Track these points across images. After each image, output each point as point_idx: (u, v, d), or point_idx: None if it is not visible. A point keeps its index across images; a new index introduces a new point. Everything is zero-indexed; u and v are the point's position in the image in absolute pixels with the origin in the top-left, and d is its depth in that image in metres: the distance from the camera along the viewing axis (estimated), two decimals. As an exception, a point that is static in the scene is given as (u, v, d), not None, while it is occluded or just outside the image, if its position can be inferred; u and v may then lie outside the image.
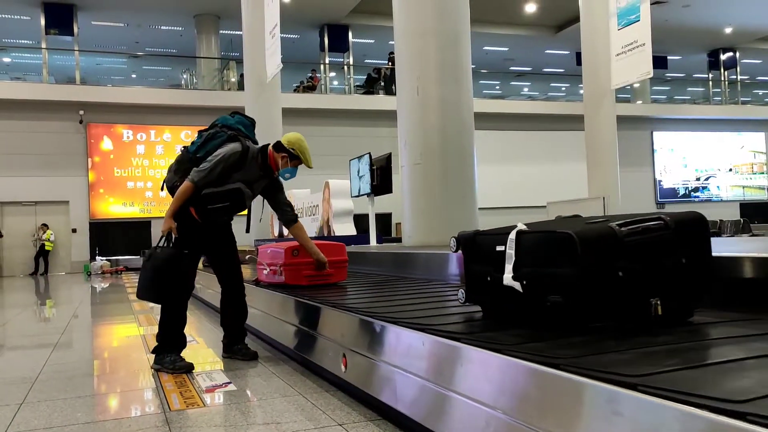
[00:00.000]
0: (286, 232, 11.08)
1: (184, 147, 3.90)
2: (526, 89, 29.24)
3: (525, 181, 22.14)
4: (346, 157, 10.42)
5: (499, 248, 2.25)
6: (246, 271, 5.22)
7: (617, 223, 2.09)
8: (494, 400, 1.74)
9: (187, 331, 5.47)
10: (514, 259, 2.17)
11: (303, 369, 3.55)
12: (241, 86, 17.79)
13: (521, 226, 2.23)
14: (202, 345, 4.75)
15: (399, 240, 8.08)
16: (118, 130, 19.05)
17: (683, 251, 2.15)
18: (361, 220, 8.85)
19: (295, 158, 3.89)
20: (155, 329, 5.54)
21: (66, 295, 11.19)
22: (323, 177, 10.26)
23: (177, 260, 3.66)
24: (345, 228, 8.99)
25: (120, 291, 10.83)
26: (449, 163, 6.10)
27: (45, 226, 17.69)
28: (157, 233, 20.76)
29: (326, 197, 9.24)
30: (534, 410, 1.60)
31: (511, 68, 27.69)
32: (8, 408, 2.96)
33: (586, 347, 1.79)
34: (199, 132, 3.89)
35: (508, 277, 2.16)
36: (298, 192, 10.90)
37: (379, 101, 20.51)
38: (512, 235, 2.21)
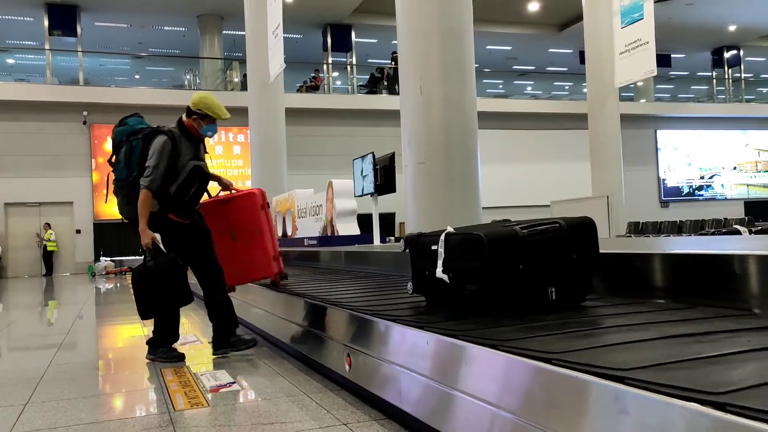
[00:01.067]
0: (290, 231, 11.08)
1: (115, 181, 3.96)
2: (529, 88, 29.20)
3: (529, 181, 22.12)
4: (349, 156, 10.41)
5: (434, 247, 2.66)
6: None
7: (520, 226, 2.52)
8: (497, 398, 1.74)
9: (191, 331, 5.49)
10: (443, 256, 2.58)
11: (307, 368, 3.55)
12: (244, 86, 17.80)
13: (449, 229, 2.62)
14: (206, 345, 4.74)
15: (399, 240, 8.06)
16: (121, 130, 19.04)
17: (574, 249, 2.57)
18: (364, 220, 8.84)
19: (206, 117, 3.98)
20: (159, 329, 5.55)
21: (70, 296, 11.21)
22: (326, 177, 10.26)
23: (174, 269, 3.76)
24: (349, 228, 8.97)
25: (124, 291, 10.84)
26: (453, 163, 6.09)
27: (47, 226, 17.72)
28: (160, 234, 20.73)
29: (329, 197, 9.23)
30: (541, 409, 1.60)
31: (514, 67, 27.67)
32: (13, 408, 2.96)
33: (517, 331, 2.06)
34: (109, 161, 4.01)
35: (438, 271, 2.58)
36: (301, 192, 10.88)
37: (382, 101, 20.51)
38: (442, 237, 2.61)
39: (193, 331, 5.50)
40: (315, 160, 19.44)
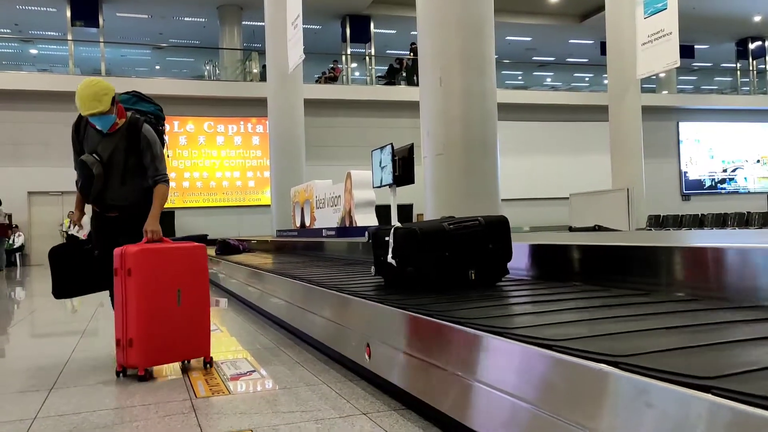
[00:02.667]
0: (308, 222, 11.12)
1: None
2: (548, 79, 28.95)
3: (548, 173, 21.98)
4: (367, 148, 10.42)
5: (387, 238, 3.38)
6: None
7: (448, 222, 3.29)
8: (517, 389, 1.74)
9: (212, 321, 5.54)
10: (392, 245, 3.31)
11: (326, 358, 3.57)
12: (263, 77, 17.86)
13: (397, 224, 3.37)
14: (225, 334, 4.80)
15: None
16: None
17: (491, 241, 3.31)
18: (382, 211, 8.85)
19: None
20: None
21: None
22: (345, 168, 10.27)
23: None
24: (367, 219, 8.99)
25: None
26: (472, 154, 6.07)
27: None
28: (183, 223, 20.82)
29: (348, 188, 9.25)
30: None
31: (534, 58, 27.44)
32: (38, 393, 3.02)
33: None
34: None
35: (389, 257, 3.32)
36: (319, 183, 10.92)
37: (401, 92, 20.46)
38: (392, 230, 3.34)
39: (213, 320, 5.55)
40: (333, 151, 19.47)
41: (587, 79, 28.70)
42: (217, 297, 7.49)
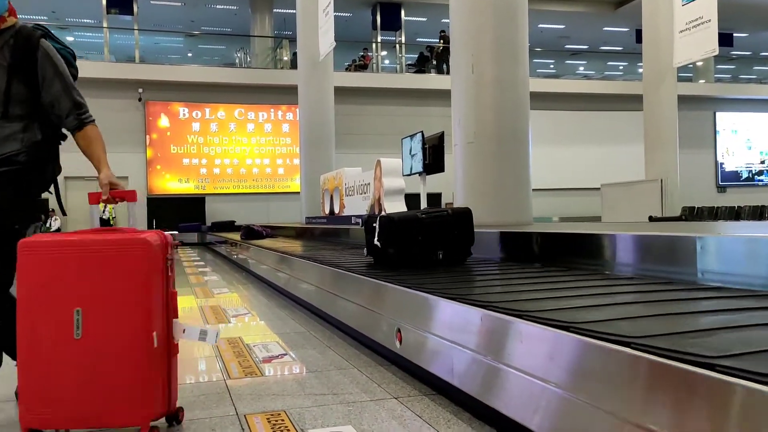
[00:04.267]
0: (338, 209, 11.18)
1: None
2: (581, 68, 28.54)
3: (579, 163, 21.73)
4: (396, 136, 10.41)
5: (374, 225, 4.09)
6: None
7: (421, 212, 4.12)
8: (547, 372, 1.75)
9: (241, 304, 5.62)
10: (378, 230, 4.03)
11: (357, 343, 3.60)
12: (294, 65, 17.92)
13: (384, 213, 3.91)
14: (255, 317, 4.86)
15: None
16: (174, 107, 19.45)
17: (456, 228, 4.07)
18: (412, 200, 8.84)
19: None
20: (212, 301, 5.72)
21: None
22: (375, 156, 10.28)
23: None
24: (396, 206, 8.99)
25: (176, 265, 11.12)
26: (503, 143, 6.03)
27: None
28: (213, 210, 21.05)
29: (378, 176, 9.26)
30: (597, 385, 1.61)
31: (567, 46, 27.07)
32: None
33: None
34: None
35: (375, 240, 4.04)
36: (349, 170, 10.93)
37: (431, 80, 20.36)
38: (378, 218, 4.07)
39: (243, 303, 5.64)
40: (363, 139, 19.49)
41: (621, 67, 28.23)
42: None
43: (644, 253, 3.21)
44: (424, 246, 3.95)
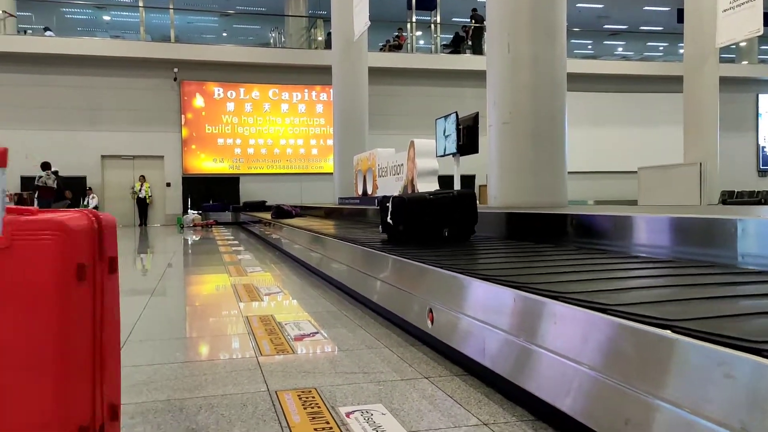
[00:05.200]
0: (370, 190, 11.17)
1: None
2: (620, 49, 27.94)
3: (616, 146, 21.36)
4: (430, 117, 10.33)
5: (387, 204, 4.51)
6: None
7: (429, 193, 4.48)
8: (581, 354, 1.72)
9: (274, 282, 5.67)
10: (390, 209, 4.44)
11: (387, 323, 3.60)
12: (328, 45, 17.89)
13: (396, 194, 4.41)
14: (287, 296, 4.89)
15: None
16: (209, 87, 19.60)
17: (460, 208, 4.42)
18: (445, 182, 8.79)
19: None
20: (245, 279, 5.77)
21: (161, 246, 11.77)
22: (408, 137, 10.24)
23: None
24: (429, 187, 8.95)
25: (210, 243, 11.28)
26: (539, 124, 5.93)
27: (143, 178, 18.54)
28: (247, 189, 21.38)
29: (411, 156, 9.21)
30: (626, 365, 1.57)
31: (605, 26, 26.49)
32: (114, 345, 3.15)
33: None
34: None
35: (387, 218, 4.47)
36: (382, 151, 10.90)
37: (466, 61, 20.14)
38: (391, 198, 4.51)
39: (276, 282, 5.68)
40: (396, 120, 19.42)
41: (661, 48, 27.56)
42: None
43: (682, 235, 3.14)
44: (431, 224, 4.33)
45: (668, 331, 1.46)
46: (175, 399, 2.28)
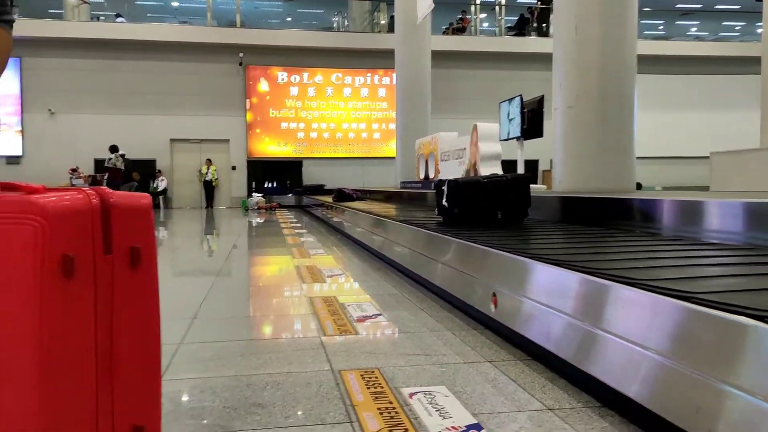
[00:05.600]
0: (432, 174, 11.14)
1: None
2: (693, 29, 26.83)
3: (686, 130, 20.58)
4: (493, 101, 10.20)
5: (443, 188, 4.66)
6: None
7: (483, 177, 4.70)
8: (650, 339, 1.68)
9: (336, 264, 5.74)
10: (446, 192, 4.60)
11: (449, 306, 3.59)
12: (391, 28, 17.83)
13: (451, 178, 4.62)
14: (349, 278, 4.94)
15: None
16: (273, 72, 19.88)
17: (514, 191, 4.52)
18: (508, 166, 8.67)
19: None
20: (308, 261, 5.86)
21: (227, 228, 12.07)
22: (470, 120, 10.14)
23: None
24: (492, 172, 8.86)
25: (274, 225, 11.49)
26: (607, 107, 5.77)
27: (209, 162, 19.02)
28: (309, 173, 21.66)
29: (474, 140, 9.12)
30: (693, 350, 1.53)
31: (678, 6, 25.46)
32: (183, 321, 3.26)
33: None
34: None
35: (443, 201, 4.60)
36: (444, 135, 10.84)
37: (530, 43, 19.74)
38: (446, 182, 4.64)
39: (338, 264, 5.74)
40: (459, 104, 19.24)
41: (737, 28, 26.32)
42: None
43: (758, 221, 3.01)
44: (485, 206, 4.44)
45: (745, 318, 1.41)
46: (241, 375, 2.34)
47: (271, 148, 19.97)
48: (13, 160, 18.16)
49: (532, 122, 7.71)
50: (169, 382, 2.24)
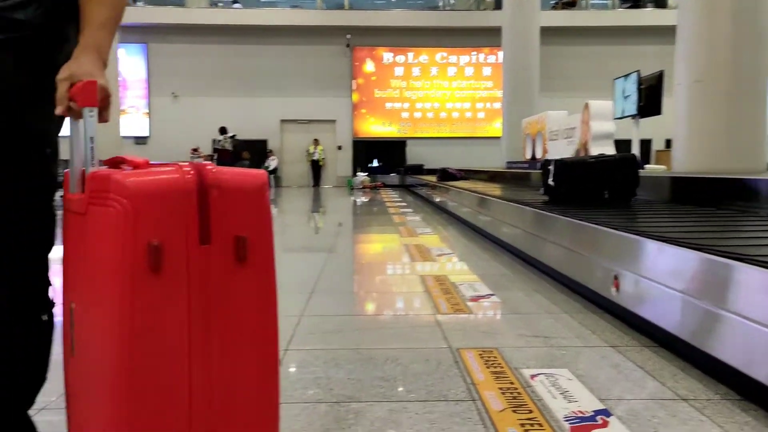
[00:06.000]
0: (540, 154, 10.87)
1: None
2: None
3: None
4: (606, 78, 9.80)
5: (550, 167, 4.66)
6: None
7: (590, 156, 5.31)
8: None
9: (442, 244, 5.73)
10: (552, 171, 4.57)
11: (564, 288, 3.50)
12: (497, 5, 17.43)
13: (558, 157, 4.52)
14: (458, 258, 4.92)
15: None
16: (379, 52, 19.99)
17: (621, 171, 4.47)
18: (621, 146, 8.32)
19: None
20: (415, 240, 5.89)
21: (335, 206, 12.34)
22: (581, 99, 9.79)
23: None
24: (604, 152, 8.53)
25: (379, 204, 11.62)
26: (738, 82, 5.38)
27: (316, 142, 19.47)
28: (413, 153, 21.69)
29: (585, 119, 8.80)
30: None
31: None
32: (302, 295, 3.36)
33: None
34: None
35: (549, 180, 4.58)
36: (553, 113, 10.53)
37: (647, 16, 18.75)
38: (553, 161, 4.69)
39: (445, 244, 5.73)
40: (569, 82, 18.58)
41: None
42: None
43: None
44: (592, 186, 4.42)
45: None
46: (362, 349, 2.39)
47: (375, 128, 20.15)
48: (140, 141, 19.31)
49: (649, 99, 7.35)
50: (294, 352, 2.32)
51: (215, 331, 1.01)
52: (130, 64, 18.85)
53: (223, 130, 16.10)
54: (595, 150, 8.61)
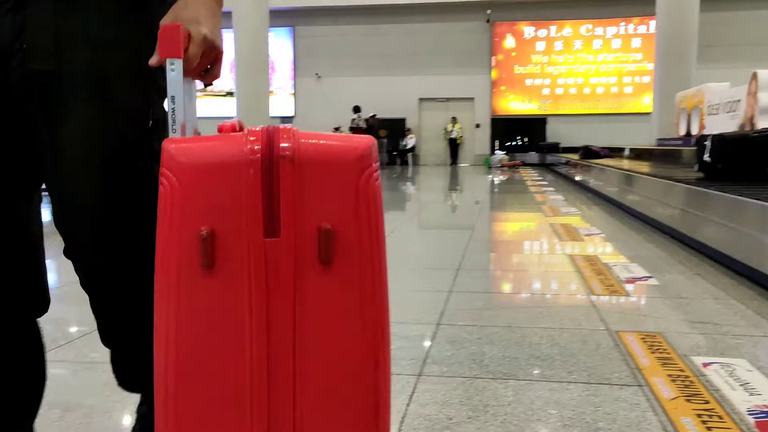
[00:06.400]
0: (696, 130, 10.12)
1: None
2: None
3: None
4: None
5: (705, 143, 4.55)
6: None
7: (753, 131, 4.86)
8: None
9: (590, 224, 5.49)
10: (709, 147, 4.47)
11: (732, 273, 3.23)
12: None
13: (715, 132, 4.57)
14: (608, 238, 4.69)
15: None
16: (520, 27, 19.44)
17: None
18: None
19: None
20: (561, 220, 5.70)
21: (474, 184, 12.23)
22: (745, 70, 8.96)
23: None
24: (772, 127, 7.79)
25: (520, 183, 11.37)
26: None
27: (454, 120, 19.36)
28: (554, 130, 21.17)
29: (752, 91, 8.05)
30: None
31: None
32: (449, 271, 3.35)
33: None
34: None
35: (706, 157, 4.49)
36: (714, 86, 9.73)
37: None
38: (710, 137, 4.54)
39: (593, 223, 5.50)
40: (730, 51, 17.03)
41: None
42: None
43: None
44: (753, 162, 4.24)
45: None
46: (515, 327, 2.34)
47: (514, 105, 19.69)
48: (286, 120, 20.20)
49: (832, 67, 6.59)
50: (447, 327, 2.32)
51: (296, 358, 0.77)
52: (278, 47, 19.67)
53: (356, 109, 16.45)
54: (763, 123, 7.89)
